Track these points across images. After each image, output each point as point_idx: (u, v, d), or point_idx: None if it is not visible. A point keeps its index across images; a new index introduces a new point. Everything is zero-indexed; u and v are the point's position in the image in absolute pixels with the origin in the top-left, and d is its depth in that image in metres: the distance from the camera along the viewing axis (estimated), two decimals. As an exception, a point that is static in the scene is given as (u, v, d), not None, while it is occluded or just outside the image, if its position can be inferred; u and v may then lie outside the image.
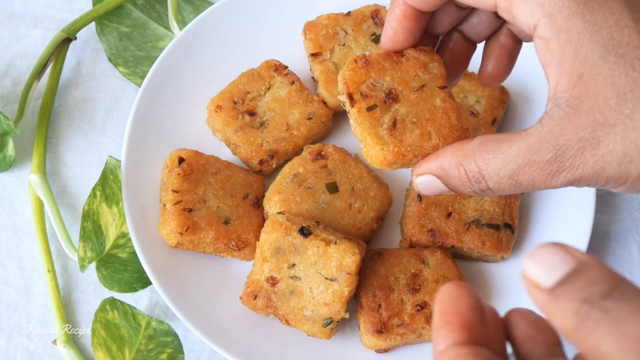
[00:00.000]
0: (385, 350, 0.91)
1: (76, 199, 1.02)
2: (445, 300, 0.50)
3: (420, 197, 0.94)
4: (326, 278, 0.86)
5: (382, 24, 1.03)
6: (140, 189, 0.95)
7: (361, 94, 0.69)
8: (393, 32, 0.71)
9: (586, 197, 0.96)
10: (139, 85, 1.04)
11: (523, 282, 0.47)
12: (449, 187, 0.69)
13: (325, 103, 1.01)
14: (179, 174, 0.94)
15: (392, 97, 0.69)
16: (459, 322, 0.49)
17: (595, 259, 0.47)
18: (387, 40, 0.72)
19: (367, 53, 0.75)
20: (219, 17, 1.04)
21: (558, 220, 0.97)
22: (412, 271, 0.91)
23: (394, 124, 0.69)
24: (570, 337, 0.45)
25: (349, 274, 0.86)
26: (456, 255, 0.96)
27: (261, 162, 0.98)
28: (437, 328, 0.50)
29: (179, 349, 0.93)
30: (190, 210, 0.93)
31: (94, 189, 0.95)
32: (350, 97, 0.69)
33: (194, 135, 1.01)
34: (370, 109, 0.68)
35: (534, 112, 1.03)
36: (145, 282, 0.95)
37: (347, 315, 0.87)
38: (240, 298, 0.92)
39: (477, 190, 0.66)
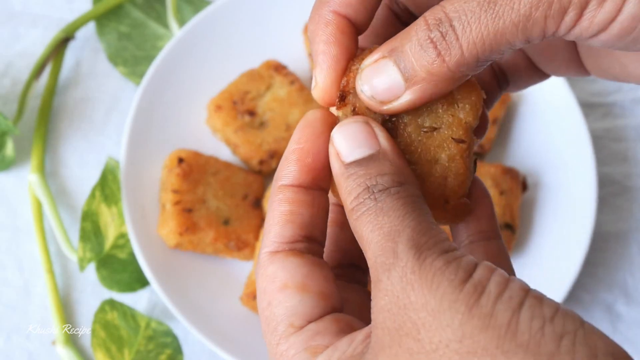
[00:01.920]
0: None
1: (75, 199, 1.01)
2: (305, 133, 0.49)
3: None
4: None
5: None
6: (139, 189, 0.95)
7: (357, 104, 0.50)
8: (332, 59, 0.49)
9: (588, 197, 0.96)
10: (139, 85, 1.04)
11: (330, 145, 0.48)
12: None
13: (325, 103, 1.00)
14: (178, 174, 0.94)
15: (390, 125, 0.49)
16: (309, 163, 0.49)
17: (397, 150, 0.47)
18: (324, 79, 0.50)
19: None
20: (219, 17, 1.04)
21: (559, 220, 0.97)
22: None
23: None
24: (347, 216, 0.46)
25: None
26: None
27: (261, 162, 0.98)
28: (287, 160, 0.49)
29: (178, 349, 0.93)
30: (189, 211, 0.93)
31: (93, 189, 0.94)
32: (343, 96, 0.50)
33: (194, 135, 1.00)
34: None
35: (534, 112, 1.03)
36: (145, 283, 0.95)
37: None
38: (240, 298, 0.92)
39: None
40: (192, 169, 0.94)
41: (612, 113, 1.08)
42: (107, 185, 0.95)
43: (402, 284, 0.42)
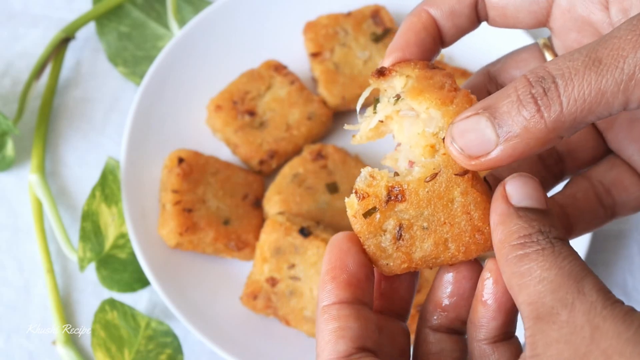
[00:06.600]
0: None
1: (75, 199, 1.02)
2: (334, 253, 0.50)
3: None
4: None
5: (382, 24, 1.03)
6: (139, 189, 0.95)
7: (356, 191, 0.52)
8: (404, 41, 0.55)
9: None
10: (139, 85, 1.04)
11: (499, 187, 0.50)
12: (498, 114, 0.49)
13: (325, 103, 1.00)
14: (178, 174, 0.94)
15: (395, 195, 0.51)
16: (345, 279, 0.50)
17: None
18: (392, 48, 0.56)
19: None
20: (219, 17, 1.04)
21: (559, 220, 0.97)
22: (413, 272, 0.91)
23: (399, 234, 0.52)
24: (506, 251, 0.48)
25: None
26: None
27: (261, 162, 0.98)
28: (323, 282, 0.50)
29: (178, 349, 0.93)
30: (189, 211, 0.93)
31: (93, 189, 0.94)
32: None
33: (194, 135, 1.00)
34: (367, 214, 0.51)
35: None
36: (145, 282, 0.95)
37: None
38: (240, 298, 0.92)
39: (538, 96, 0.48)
40: (192, 169, 0.94)
41: (612, 113, 1.08)
42: (107, 185, 0.95)
43: (589, 316, 0.44)
